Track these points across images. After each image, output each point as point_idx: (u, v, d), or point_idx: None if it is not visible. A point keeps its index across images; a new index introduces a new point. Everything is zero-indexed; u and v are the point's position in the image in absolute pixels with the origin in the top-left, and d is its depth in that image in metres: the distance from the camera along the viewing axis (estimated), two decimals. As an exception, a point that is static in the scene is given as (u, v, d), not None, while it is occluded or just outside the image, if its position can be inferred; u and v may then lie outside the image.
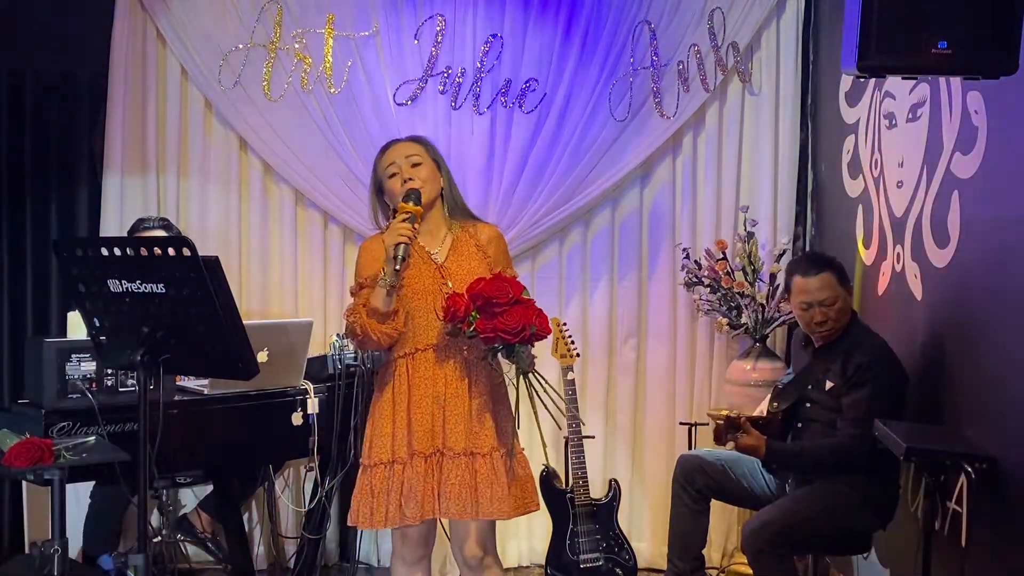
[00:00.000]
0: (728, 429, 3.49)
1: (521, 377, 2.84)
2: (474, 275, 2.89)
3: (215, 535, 4.25)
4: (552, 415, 2.96)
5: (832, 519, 3.37)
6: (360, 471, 3.00)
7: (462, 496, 2.88)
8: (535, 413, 2.92)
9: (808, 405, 3.56)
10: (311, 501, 4.01)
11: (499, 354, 2.83)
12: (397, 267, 2.83)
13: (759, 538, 3.31)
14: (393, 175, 2.97)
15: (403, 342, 2.97)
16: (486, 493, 2.88)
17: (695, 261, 4.53)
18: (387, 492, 2.91)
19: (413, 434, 2.92)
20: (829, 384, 3.48)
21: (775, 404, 3.68)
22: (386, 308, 2.88)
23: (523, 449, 3.07)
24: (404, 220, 2.86)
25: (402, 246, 2.83)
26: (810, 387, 3.56)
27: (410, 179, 2.94)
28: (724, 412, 3.56)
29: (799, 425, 3.58)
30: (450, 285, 2.93)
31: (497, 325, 2.73)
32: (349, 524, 3.04)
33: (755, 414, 3.83)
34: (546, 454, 3.09)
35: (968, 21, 2.27)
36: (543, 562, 4.23)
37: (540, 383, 2.89)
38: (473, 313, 2.76)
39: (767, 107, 4.63)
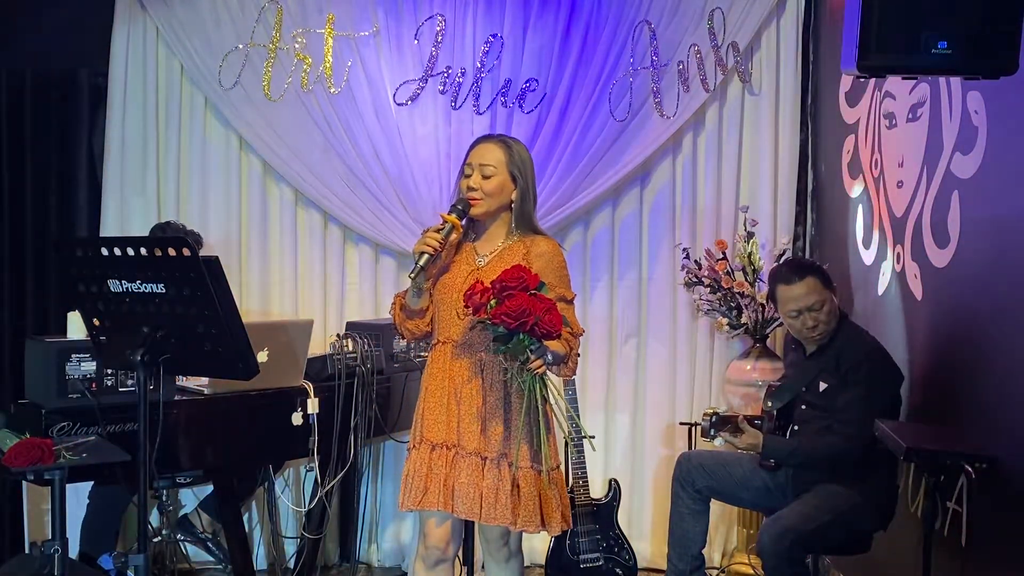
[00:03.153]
0: (716, 425, 3.50)
1: (524, 374, 2.80)
2: None
3: (215, 535, 4.25)
4: (562, 426, 2.92)
5: (839, 521, 3.38)
6: None
7: (469, 496, 2.89)
8: (546, 423, 2.91)
9: (803, 407, 3.57)
10: (311, 501, 4.01)
11: (508, 348, 2.77)
12: (412, 274, 2.90)
13: (780, 545, 3.31)
14: (466, 176, 2.98)
15: (433, 333, 3.06)
16: (489, 499, 2.89)
17: (695, 261, 4.53)
18: (406, 476, 2.98)
19: (424, 422, 2.98)
20: (823, 385, 3.49)
21: (769, 403, 3.69)
22: (413, 306, 3.00)
23: (542, 470, 2.94)
24: (438, 230, 2.90)
25: (424, 256, 2.87)
26: (804, 389, 3.57)
27: (472, 190, 2.95)
28: (713, 409, 3.58)
29: (795, 427, 3.59)
30: None
31: (502, 308, 2.69)
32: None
33: (750, 413, 3.85)
34: (547, 463, 2.97)
35: (968, 21, 2.27)
36: (543, 562, 4.23)
37: (551, 390, 2.87)
38: (492, 301, 2.75)
39: (767, 107, 4.62)
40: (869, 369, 3.40)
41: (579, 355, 3.01)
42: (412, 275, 2.89)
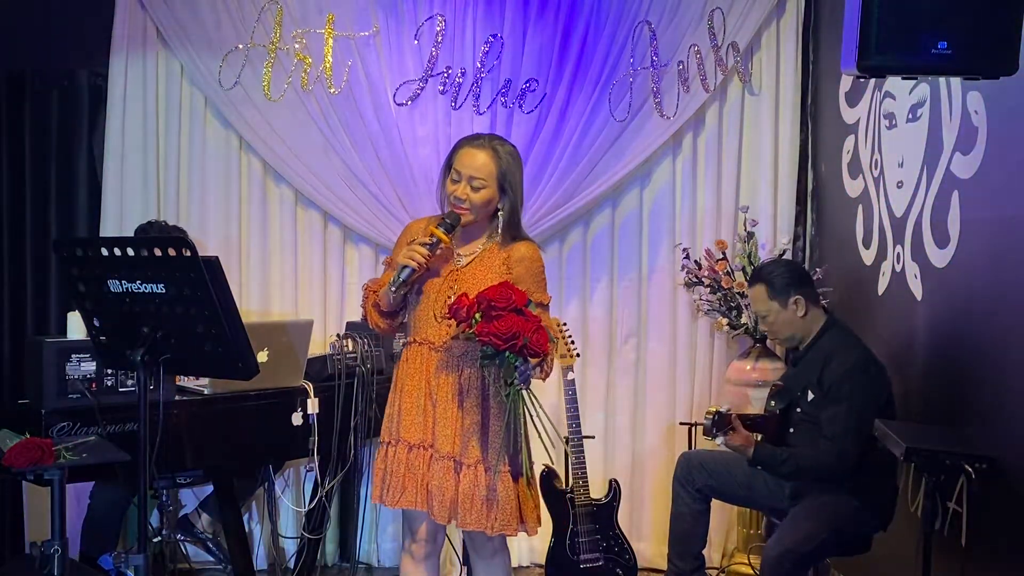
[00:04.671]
0: (717, 425, 3.50)
1: (508, 389, 2.80)
2: (485, 286, 2.86)
3: (215, 535, 4.25)
4: (541, 437, 2.87)
5: (840, 529, 3.37)
6: None
7: (441, 500, 2.90)
8: (524, 430, 2.92)
9: (798, 410, 3.56)
10: (311, 501, 4.01)
11: (493, 364, 2.80)
12: (394, 288, 2.90)
13: (782, 568, 3.32)
14: (455, 181, 2.94)
15: (406, 331, 3.04)
16: (465, 504, 2.89)
17: (695, 261, 4.53)
18: (382, 471, 2.99)
19: (401, 422, 2.97)
20: (811, 395, 3.48)
21: (772, 403, 3.68)
22: (387, 308, 2.99)
23: (519, 472, 2.96)
24: (425, 244, 2.88)
25: (407, 269, 2.86)
26: (799, 393, 3.56)
27: (461, 201, 2.93)
28: (715, 408, 3.57)
29: (791, 430, 3.58)
30: (453, 289, 2.94)
31: (491, 328, 2.72)
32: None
33: (753, 412, 3.84)
34: (529, 475, 2.99)
35: (968, 21, 2.27)
36: (543, 562, 4.23)
37: (532, 404, 2.87)
38: (476, 316, 2.76)
39: (767, 107, 4.63)
40: (851, 384, 3.37)
41: (554, 358, 3.02)
42: (393, 288, 2.90)
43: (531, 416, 2.87)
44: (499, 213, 2.99)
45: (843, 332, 3.57)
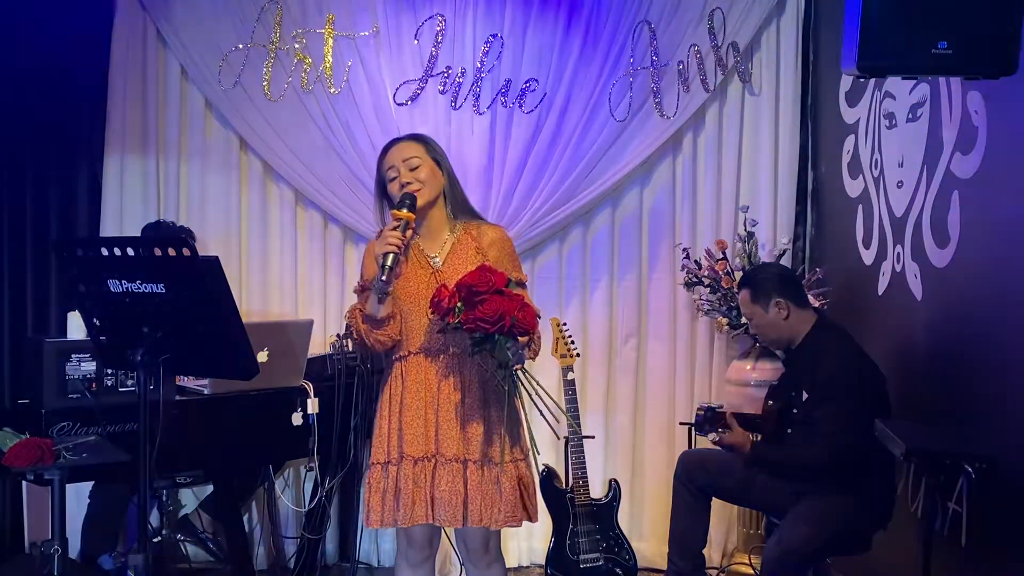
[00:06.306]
0: (709, 421, 3.50)
1: (503, 372, 2.78)
2: None
3: (215, 535, 4.25)
4: (544, 416, 2.85)
5: (840, 529, 3.37)
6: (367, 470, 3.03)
7: (452, 503, 2.87)
8: (524, 413, 2.91)
9: (795, 411, 3.56)
10: (311, 501, 4.01)
11: (484, 349, 2.78)
12: (384, 276, 2.82)
13: (783, 568, 3.32)
14: (392, 179, 2.94)
15: (398, 345, 2.98)
16: (476, 499, 2.87)
17: (695, 261, 4.53)
18: (382, 492, 2.93)
19: (404, 437, 2.92)
20: (804, 395, 3.49)
21: (770, 402, 3.69)
22: (378, 314, 2.89)
23: (518, 460, 2.96)
24: (395, 228, 2.84)
25: (391, 255, 2.81)
26: (793, 393, 3.56)
27: (408, 183, 2.91)
28: (707, 404, 3.58)
29: (789, 430, 3.58)
30: None
31: (476, 314, 2.69)
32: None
33: (752, 412, 3.84)
34: (535, 451, 2.96)
35: (968, 21, 2.27)
36: (543, 562, 4.23)
37: (529, 382, 2.85)
38: (459, 305, 2.74)
39: (767, 107, 4.63)
40: (842, 382, 3.37)
41: (540, 336, 2.99)
42: (384, 276, 2.81)
43: (530, 395, 2.86)
44: (444, 191, 2.99)
45: (833, 331, 3.56)
